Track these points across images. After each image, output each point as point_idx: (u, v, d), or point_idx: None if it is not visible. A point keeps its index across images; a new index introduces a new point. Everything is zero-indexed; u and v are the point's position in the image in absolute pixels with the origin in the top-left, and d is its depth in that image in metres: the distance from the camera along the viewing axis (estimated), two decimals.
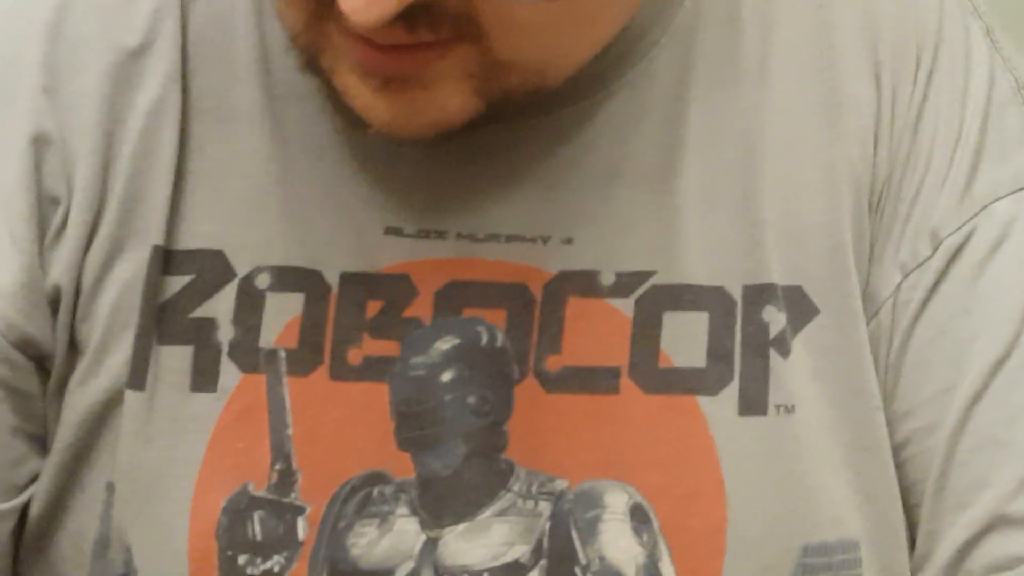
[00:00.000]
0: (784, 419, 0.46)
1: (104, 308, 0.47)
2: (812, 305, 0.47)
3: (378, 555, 0.45)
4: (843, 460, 0.47)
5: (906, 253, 0.47)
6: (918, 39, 0.49)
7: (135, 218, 0.47)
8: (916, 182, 0.48)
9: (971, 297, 0.47)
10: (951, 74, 0.49)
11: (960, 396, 0.47)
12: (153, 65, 0.48)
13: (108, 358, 0.47)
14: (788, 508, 0.46)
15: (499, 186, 0.48)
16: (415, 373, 0.46)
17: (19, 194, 0.47)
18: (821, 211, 0.48)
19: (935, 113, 0.48)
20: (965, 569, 0.46)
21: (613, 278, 0.47)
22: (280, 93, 0.48)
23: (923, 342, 0.47)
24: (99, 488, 0.48)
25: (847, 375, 0.47)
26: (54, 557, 0.50)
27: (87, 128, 0.47)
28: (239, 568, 0.45)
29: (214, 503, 0.46)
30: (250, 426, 0.46)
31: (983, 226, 0.47)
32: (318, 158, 0.48)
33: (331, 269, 0.47)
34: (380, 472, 0.46)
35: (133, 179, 0.47)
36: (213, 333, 0.47)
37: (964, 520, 0.46)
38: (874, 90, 0.49)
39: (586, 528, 0.45)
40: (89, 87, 0.48)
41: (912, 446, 0.48)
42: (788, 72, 0.49)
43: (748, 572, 0.45)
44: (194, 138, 0.48)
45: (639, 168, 0.48)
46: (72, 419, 0.47)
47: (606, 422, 0.46)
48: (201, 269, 0.47)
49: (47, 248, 0.47)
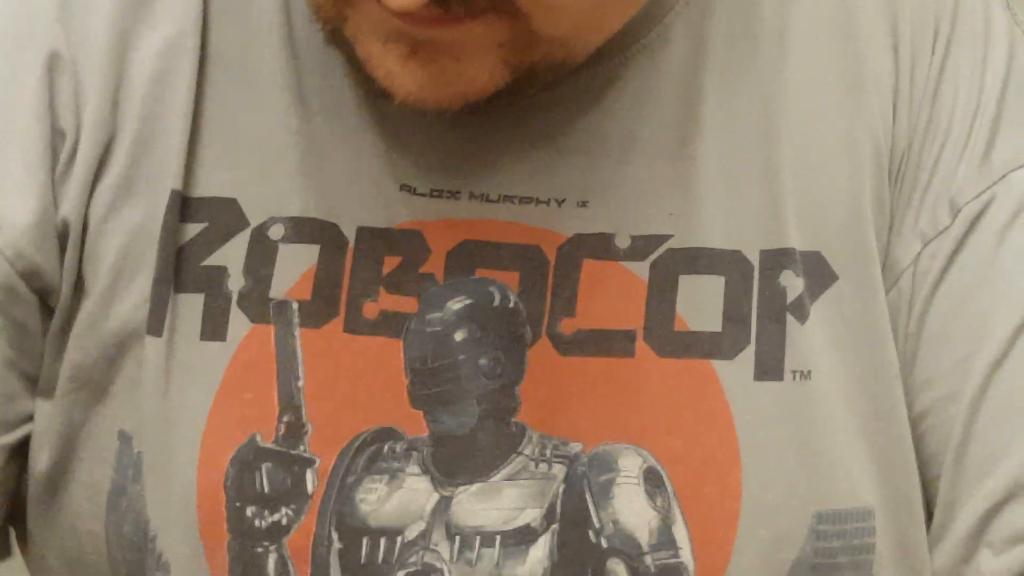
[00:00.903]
0: (800, 385, 0.46)
1: (112, 250, 0.47)
2: (831, 271, 0.47)
3: (388, 512, 0.45)
4: (859, 428, 0.47)
5: (926, 222, 0.48)
6: (936, 10, 0.49)
7: (147, 160, 0.47)
8: (935, 152, 0.48)
9: (991, 266, 0.47)
10: (970, 45, 0.49)
11: (980, 365, 0.47)
12: (171, 6, 0.48)
13: (118, 303, 0.47)
14: (802, 475, 0.46)
15: (514, 149, 0.48)
16: (431, 329, 0.46)
17: (34, 123, 0.47)
18: (842, 180, 0.48)
19: (954, 83, 0.49)
20: (986, 540, 0.46)
21: (628, 241, 0.47)
22: (302, 57, 0.49)
23: (943, 311, 0.47)
24: (111, 437, 0.47)
25: (865, 343, 0.47)
26: (68, 513, 0.49)
27: (98, 62, 0.47)
28: (247, 520, 0.45)
29: (222, 454, 0.46)
30: (258, 377, 0.46)
31: (1002, 194, 0.47)
32: (337, 116, 0.48)
33: (348, 223, 0.47)
34: (391, 428, 0.46)
35: (146, 120, 0.47)
36: (224, 282, 0.47)
37: (984, 490, 0.46)
38: (893, 61, 0.49)
39: (600, 491, 0.45)
40: (101, 21, 0.48)
41: (932, 417, 0.48)
42: (808, 42, 0.49)
43: (761, 538, 0.45)
44: (211, 85, 0.48)
45: (656, 134, 0.48)
46: (79, 363, 0.47)
47: (620, 385, 0.46)
48: (214, 217, 0.47)
49: (57, 181, 0.47)
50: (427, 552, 0.45)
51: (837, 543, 0.46)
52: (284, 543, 0.46)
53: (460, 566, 0.45)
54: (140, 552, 0.46)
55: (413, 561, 0.45)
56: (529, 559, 0.45)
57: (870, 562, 0.46)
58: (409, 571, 0.45)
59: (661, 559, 0.45)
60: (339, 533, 0.45)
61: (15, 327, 0.47)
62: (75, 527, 0.49)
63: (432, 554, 0.45)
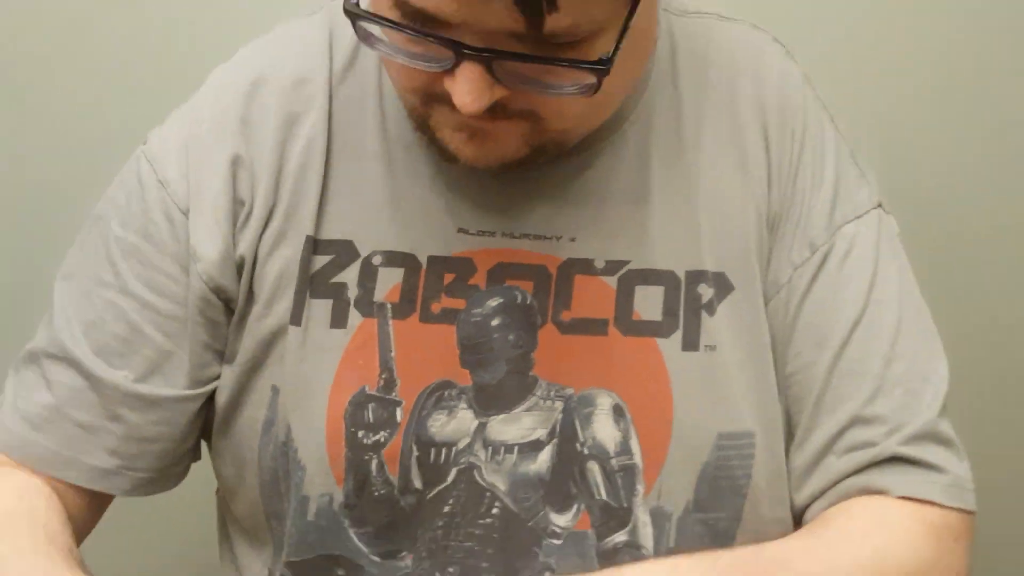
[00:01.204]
0: (709, 354, 0.68)
1: (272, 274, 0.69)
2: (730, 284, 0.69)
3: (447, 432, 0.67)
4: (746, 381, 0.68)
5: (795, 255, 0.70)
6: (792, 125, 0.71)
7: (294, 219, 0.69)
8: (797, 213, 0.70)
9: (836, 284, 0.69)
10: (813, 147, 0.71)
11: (832, 345, 0.68)
12: (310, 123, 0.70)
13: (275, 306, 0.69)
14: (710, 410, 0.67)
15: (531, 202, 0.69)
16: (474, 319, 0.68)
17: (221, 196, 0.69)
18: (737, 227, 0.69)
19: (806, 171, 0.71)
20: (832, 450, 0.67)
21: (603, 263, 0.69)
22: (391, 140, 0.70)
23: (808, 311, 0.69)
24: (266, 389, 0.69)
25: (750, 329, 0.69)
26: (235, 436, 0.71)
27: (265, 161, 0.69)
28: (358, 439, 0.67)
29: (343, 398, 0.67)
30: (366, 351, 0.68)
31: (840, 240, 0.70)
32: (415, 177, 0.69)
33: (422, 253, 0.69)
34: (449, 380, 0.68)
35: (293, 194, 0.69)
36: (344, 292, 0.69)
37: (832, 420, 0.67)
38: (765, 154, 0.71)
39: (584, 419, 0.67)
40: (268, 135, 0.70)
41: (800, 375, 0.69)
42: (713, 144, 0.70)
43: (684, 448, 0.66)
44: (334, 167, 0.70)
45: (621, 194, 0.69)
46: (250, 344, 0.69)
47: (598, 353, 0.68)
48: (338, 252, 0.69)
49: (236, 233, 0.69)
50: (471, 456, 0.67)
51: (731, 452, 0.67)
52: (382, 454, 0.67)
53: (491, 464, 0.66)
54: (284, 459, 0.68)
55: (463, 461, 0.67)
56: (537, 461, 0.66)
57: (750, 464, 0.67)
58: (459, 467, 0.67)
59: (622, 461, 0.66)
60: (416, 446, 0.67)
61: (210, 322, 0.70)
62: (240, 444, 0.71)
63: (474, 457, 0.67)
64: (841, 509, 0.67)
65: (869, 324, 0.68)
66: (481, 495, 0.67)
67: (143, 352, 0.69)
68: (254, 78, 0.71)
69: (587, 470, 0.67)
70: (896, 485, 0.66)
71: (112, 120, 1.05)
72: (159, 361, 0.70)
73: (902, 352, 0.68)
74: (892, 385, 0.68)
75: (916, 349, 0.69)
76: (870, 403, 0.67)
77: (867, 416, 0.67)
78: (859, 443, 0.67)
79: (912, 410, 0.67)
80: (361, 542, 0.68)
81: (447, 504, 0.67)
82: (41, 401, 0.69)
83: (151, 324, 0.69)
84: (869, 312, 0.69)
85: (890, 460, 0.66)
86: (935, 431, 0.67)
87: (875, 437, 0.67)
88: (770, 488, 0.68)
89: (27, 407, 0.70)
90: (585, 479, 0.67)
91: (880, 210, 0.72)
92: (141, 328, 0.69)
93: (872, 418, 0.67)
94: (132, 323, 0.69)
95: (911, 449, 0.66)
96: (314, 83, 0.71)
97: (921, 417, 0.67)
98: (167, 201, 0.69)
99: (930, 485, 0.66)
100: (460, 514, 0.67)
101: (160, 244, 0.69)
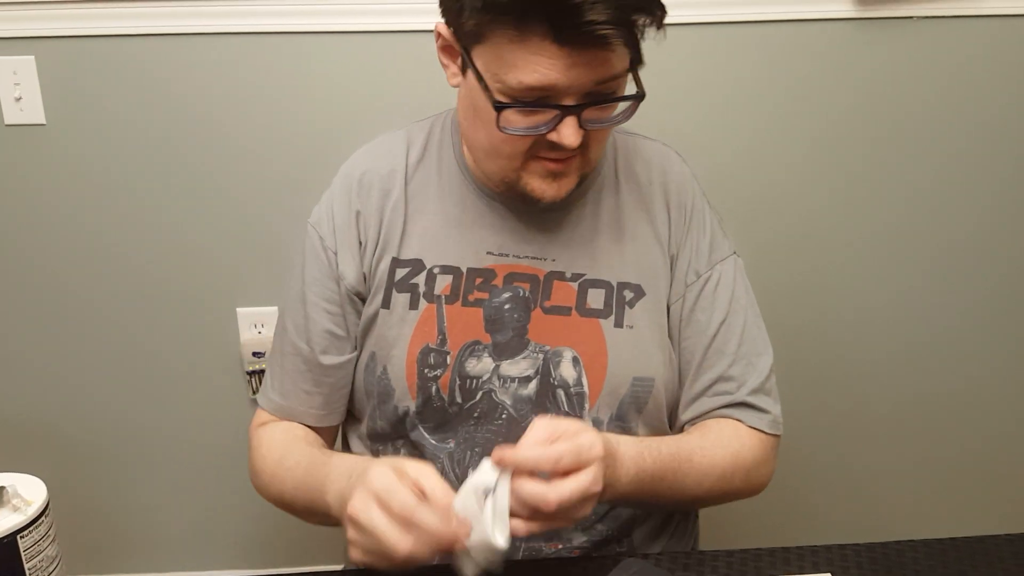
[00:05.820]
0: (630, 331, 1.12)
1: (375, 280, 1.13)
2: (643, 291, 1.13)
3: (476, 370, 1.10)
4: (651, 349, 1.12)
5: (688, 278, 1.14)
6: (685, 203, 1.16)
7: (388, 248, 1.13)
8: (688, 253, 1.14)
9: (711, 298, 1.14)
10: (698, 217, 1.16)
11: (708, 334, 1.13)
12: (396, 195, 1.14)
13: (375, 299, 1.13)
14: (629, 363, 1.10)
15: (529, 236, 1.12)
16: (494, 305, 1.11)
17: (350, 237, 1.13)
18: (649, 258, 1.13)
19: (694, 231, 1.15)
20: (706, 394, 1.12)
21: (571, 274, 1.12)
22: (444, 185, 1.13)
23: (695, 315, 1.13)
24: (369, 353, 1.14)
25: (655, 318, 1.13)
26: (354, 375, 1.17)
27: (374, 214, 1.14)
28: (424, 373, 1.10)
29: (416, 350, 1.11)
30: (430, 323, 1.12)
31: (714, 272, 1.14)
32: (463, 211, 1.12)
33: (463, 266, 1.12)
34: (478, 340, 1.11)
35: (387, 234, 1.13)
36: (417, 289, 1.13)
37: (707, 377, 1.13)
38: (667, 217, 1.15)
39: (555, 364, 1.10)
40: (373, 196, 1.14)
41: (686, 352, 1.13)
42: (635, 207, 1.14)
43: (612, 385, 1.10)
44: (409, 220, 1.14)
45: (583, 234, 1.12)
46: (362, 325, 1.14)
47: (565, 326, 1.11)
48: (412, 266, 1.13)
49: (362, 260, 1.13)
50: (490, 384, 1.10)
51: (639, 389, 1.10)
52: (438, 382, 1.10)
53: (502, 390, 1.10)
54: (381, 384, 1.12)
55: (485, 387, 1.10)
56: (528, 388, 1.10)
57: (649, 396, 1.10)
58: (483, 391, 1.10)
59: (576, 390, 1.10)
60: (458, 378, 1.10)
61: (355, 312, 1.14)
62: (357, 379, 1.16)
63: (492, 385, 1.10)
64: (712, 425, 1.11)
65: (729, 323, 1.13)
66: (496, 407, 1.10)
67: (326, 338, 1.15)
68: (364, 170, 1.17)
69: (557, 395, 1.10)
70: (744, 419, 1.11)
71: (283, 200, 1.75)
72: (333, 341, 1.15)
73: (747, 340, 1.14)
74: (741, 359, 1.12)
75: (754, 338, 1.15)
76: (729, 369, 1.12)
77: (727, 376, 1.12)
78: (721, 391, 1.12)
79: (752, 374, 1.12)
80: (425, 432, 1.13)
81: (475, 412, 1.11)
82: (283, 380, 1.16)
83: (327, 318, 1.14)
84: (729, 316, 1.13)
85: (740, 404, 1.12)
86: (765, 387, 1.13)
87: (731, 389, 1.12)
88: (658, 411, 1.13)
89: (279, 385, 1.18)
90: (555, 400, 1.10)
91: (735, 255, 1.17)
92: (320, 323, 1.14)
93: (729, 377, 1.12)
94: (317, 321, 1.14)
95: (752, 398, 1.12)
96: (398, 172, 1.16)
97: (758, 379, 1.12)
98: (326, 247, 1.14)
99: (760, 420, 1.12)
100: (483, 418, 1.11)
101: (325, 272, 1.14)
